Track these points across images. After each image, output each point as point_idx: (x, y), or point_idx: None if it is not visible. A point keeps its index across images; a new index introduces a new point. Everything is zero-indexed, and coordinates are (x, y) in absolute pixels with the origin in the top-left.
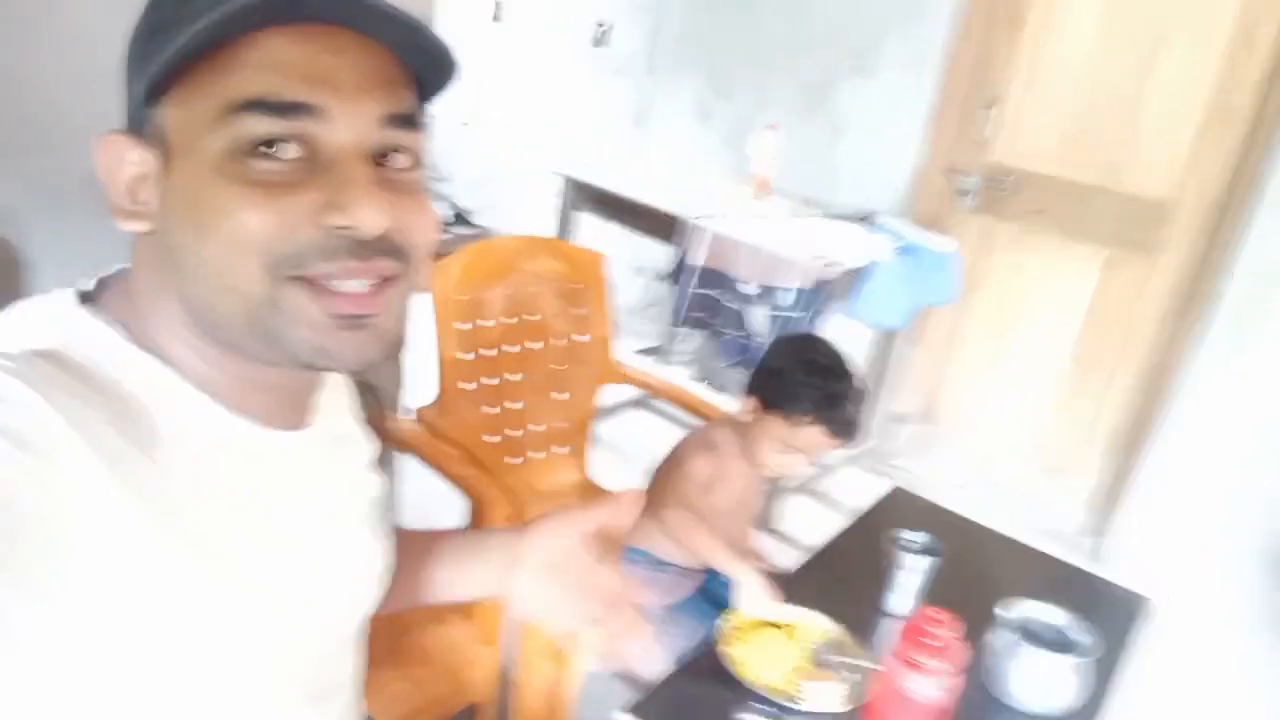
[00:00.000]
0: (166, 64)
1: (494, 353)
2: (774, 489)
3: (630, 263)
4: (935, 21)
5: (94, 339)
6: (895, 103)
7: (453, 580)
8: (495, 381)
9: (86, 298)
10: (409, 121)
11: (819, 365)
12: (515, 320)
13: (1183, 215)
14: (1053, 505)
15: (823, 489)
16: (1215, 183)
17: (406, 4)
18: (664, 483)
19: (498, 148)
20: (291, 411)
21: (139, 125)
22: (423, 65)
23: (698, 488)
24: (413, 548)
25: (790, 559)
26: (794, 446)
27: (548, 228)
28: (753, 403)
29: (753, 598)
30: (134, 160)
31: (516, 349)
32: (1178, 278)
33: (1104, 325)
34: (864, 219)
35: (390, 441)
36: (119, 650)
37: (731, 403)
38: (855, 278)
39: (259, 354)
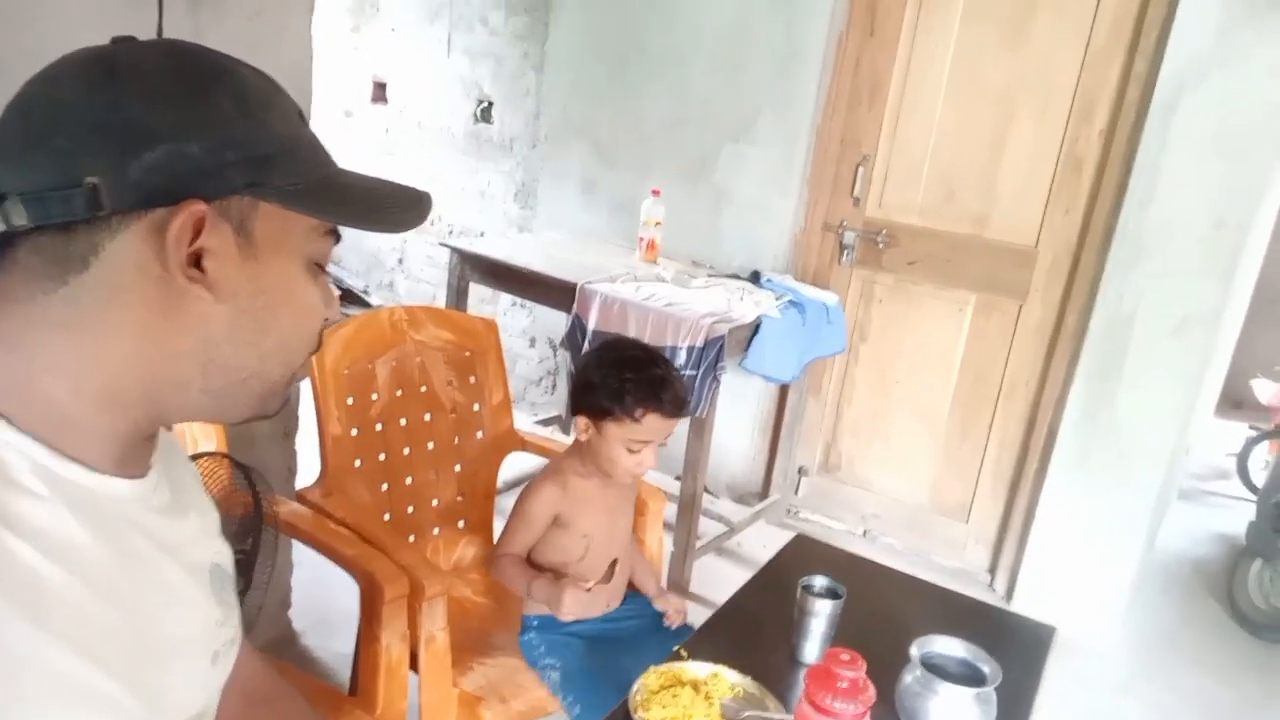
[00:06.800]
0: (321, 215)
1: (381, 427)
2: (687, 550)
3: (525, 333)
4: (805, 97)
5: None
6: (774, 168)
7: None
8: (384, 457)
9: None
10: None
11: (629, 360)
12: (403, 393)
13: (1042, 260)
14: (958, 547)
15: (731, 546)
16: (1068, 229)
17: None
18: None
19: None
20: (131, 463)
21: (196, 190)
22: None
23: (546, 524)
24: None
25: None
26: (639, 441)
27: (441, 302)
28: (584, 421)
29: (569, 605)
30: (215, 239)
31: (405, 422)
32: (1044, 318)
33: (982, 366)
34: (751, 277)
35: (273, 525)
36: None
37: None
38: (746, 333)
39: (249, 412)
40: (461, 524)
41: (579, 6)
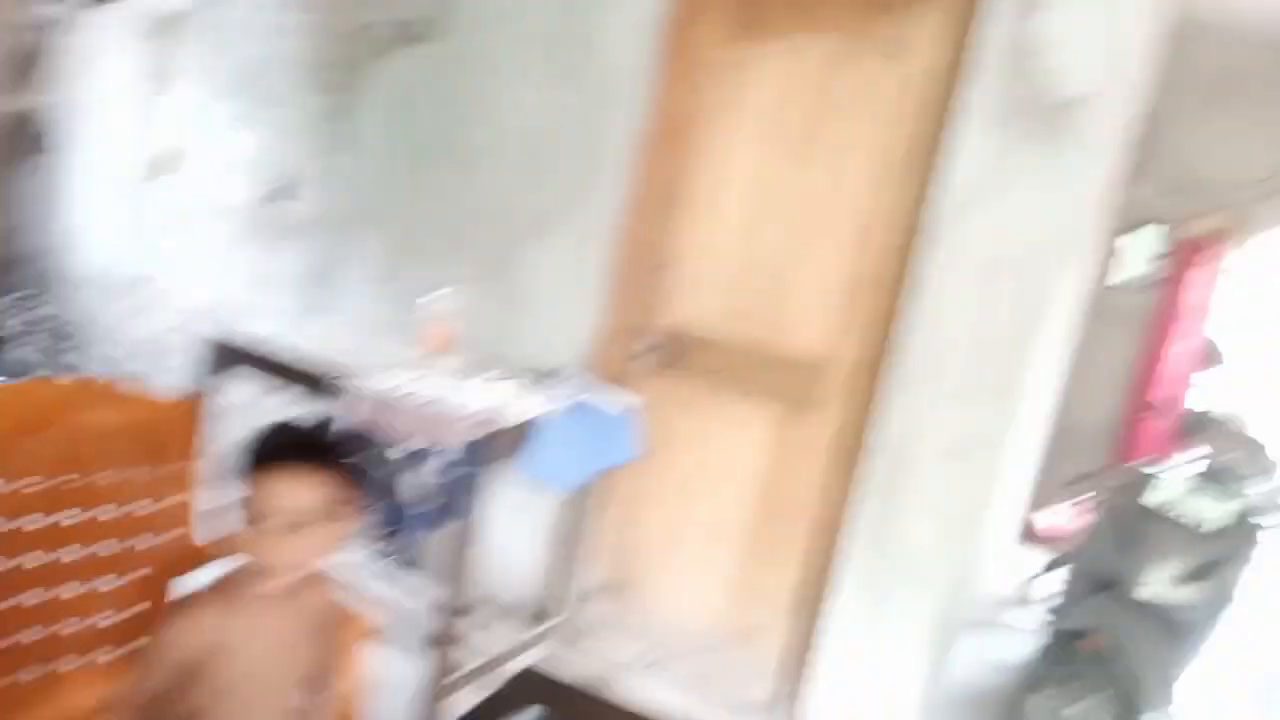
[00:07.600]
0: None
1: (11, 527)
2: (438, 685)
3: None
4: (606, 202)
5: None
6: (574, 270)
7: None
8: (10, 565)
9: None
10: None
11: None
12: (51, 483)
13: (833, 376)
14: (746, 677)
15: (499, 679)
16: (854, 347)
17: None
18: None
19: (168, 306)
20: None
21: None
22: None
23: (179, 665)
24: None
25: None
26: (266, 509)
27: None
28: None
29: None
30: None
31: (48, 522)
32: (834, 435)
33: (777, 482)
34: (544, 377)
35: None
36: None
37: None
38: (522, 436)
39: None
40: (116, 655)
41: (387, 95)
